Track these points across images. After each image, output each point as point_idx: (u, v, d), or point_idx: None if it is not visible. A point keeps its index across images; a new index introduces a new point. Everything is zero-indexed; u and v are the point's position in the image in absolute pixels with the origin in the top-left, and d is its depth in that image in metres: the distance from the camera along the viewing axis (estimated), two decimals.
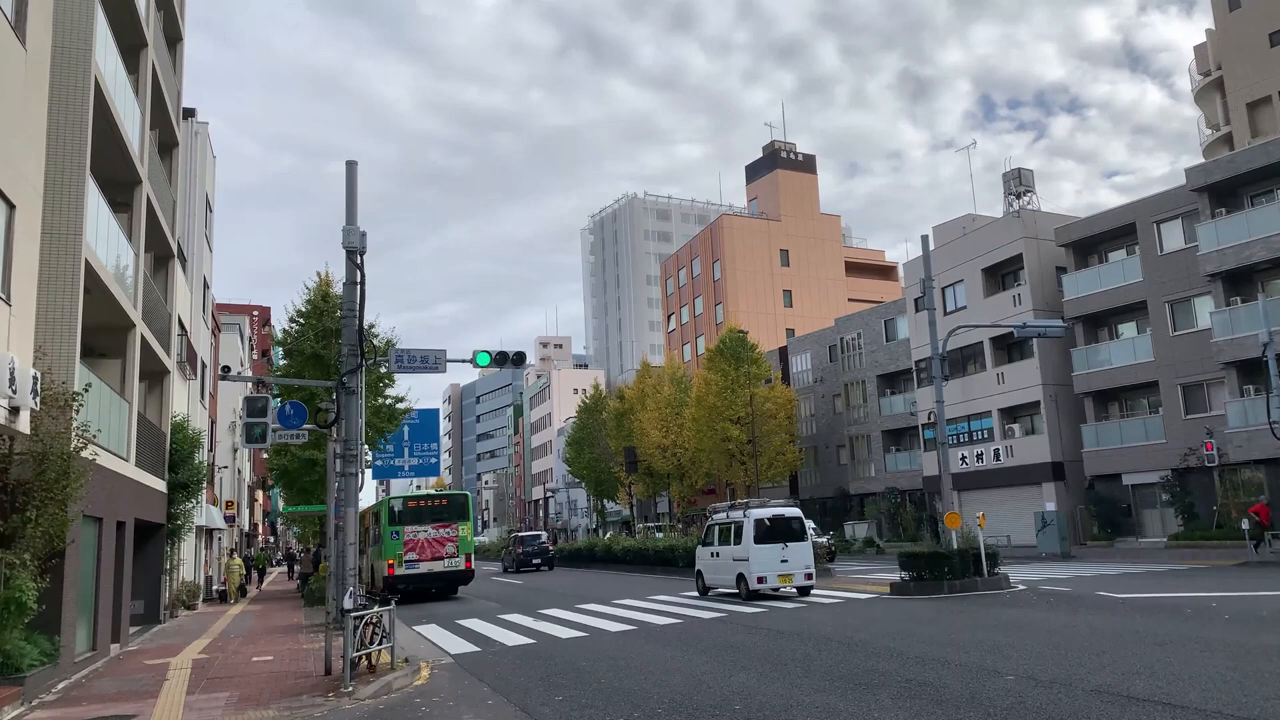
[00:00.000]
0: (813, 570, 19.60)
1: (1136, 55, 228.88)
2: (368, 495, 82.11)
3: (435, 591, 26.31)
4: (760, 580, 18.78)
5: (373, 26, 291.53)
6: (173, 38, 23.18)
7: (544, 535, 46.60)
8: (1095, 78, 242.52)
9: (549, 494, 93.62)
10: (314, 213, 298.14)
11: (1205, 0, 48.35)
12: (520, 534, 48.10)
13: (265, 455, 43.95)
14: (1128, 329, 34.53)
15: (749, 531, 19.12)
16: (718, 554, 20.58)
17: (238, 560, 31.83)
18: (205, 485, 28.33)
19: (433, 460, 35.87)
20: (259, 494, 63.79)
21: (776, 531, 19.18)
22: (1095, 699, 7.85)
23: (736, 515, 20.06)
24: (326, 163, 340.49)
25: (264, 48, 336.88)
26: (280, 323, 30.19)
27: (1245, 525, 24.66)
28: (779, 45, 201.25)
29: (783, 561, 18.90)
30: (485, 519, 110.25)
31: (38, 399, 11.52)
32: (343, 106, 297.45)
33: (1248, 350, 27.68)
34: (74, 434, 12.06)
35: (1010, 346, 38.09)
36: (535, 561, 40.64)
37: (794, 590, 19.30)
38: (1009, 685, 8.65)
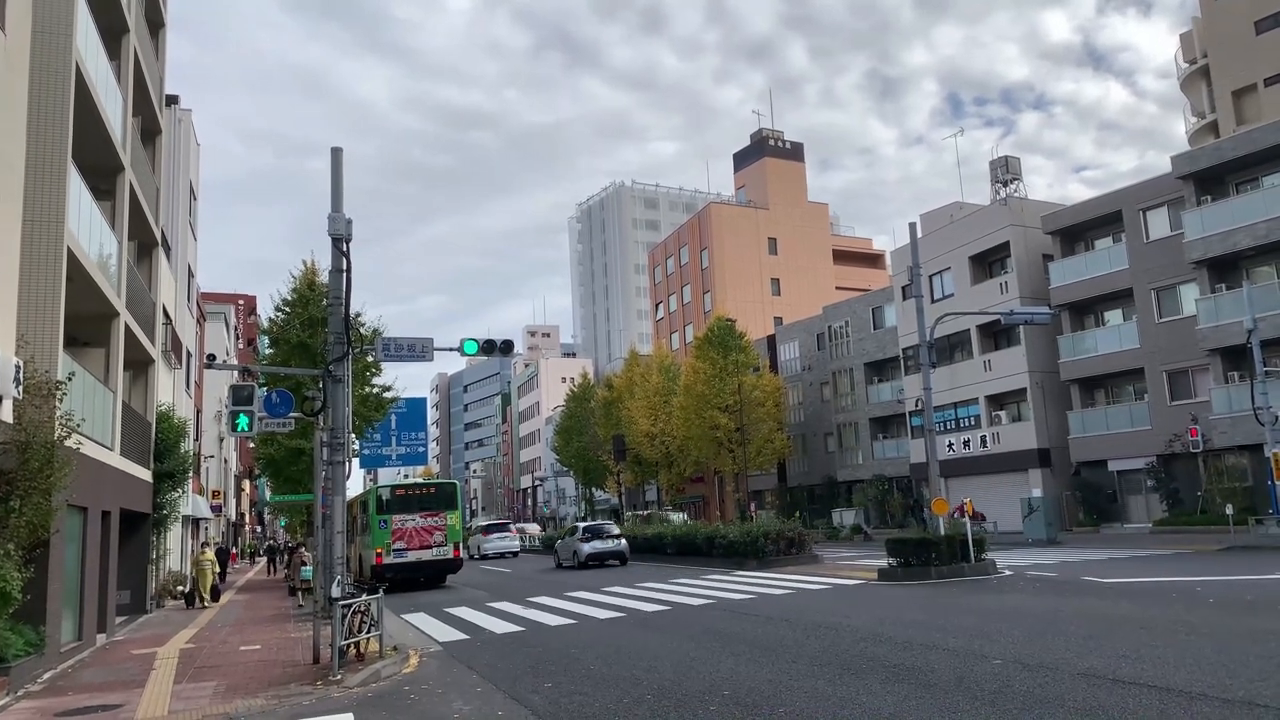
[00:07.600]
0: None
1: (1098, 55, 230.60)
2: (355, 484, 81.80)
3: (424, 580, 26.26)
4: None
5: (350, 29, 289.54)
6: (155, 23, 22.91)
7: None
8: (1059, 76, 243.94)
9: (537, 483, 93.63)
10: (299, 208, 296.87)
11: (1162, 2, 48.58)
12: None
13: (252, 445, 43.80)
14: (1114, 316, 34.69)
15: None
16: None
17: (209, 555, 25.23)
18: (191, 475, 28.14)
19: (420, 449, 35.76)
20: (246, 483, 63.52)
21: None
22: (1082, 682, 7.90)
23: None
24: (310, 159, 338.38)
25: (246, 49, 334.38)
26: (266, 312, 30.07)
27: (1230, 510, 24.88)
28: (748, 46, 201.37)
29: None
30: (474, 508, 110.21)
31: (20, 388, 11.42)
32: (325, 105, 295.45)
33: (1232, 337, 27.86)
34: (57, 423, 11.96)
35: (997, 334, 38.24)
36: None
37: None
38: (996, 669, 8.70)
